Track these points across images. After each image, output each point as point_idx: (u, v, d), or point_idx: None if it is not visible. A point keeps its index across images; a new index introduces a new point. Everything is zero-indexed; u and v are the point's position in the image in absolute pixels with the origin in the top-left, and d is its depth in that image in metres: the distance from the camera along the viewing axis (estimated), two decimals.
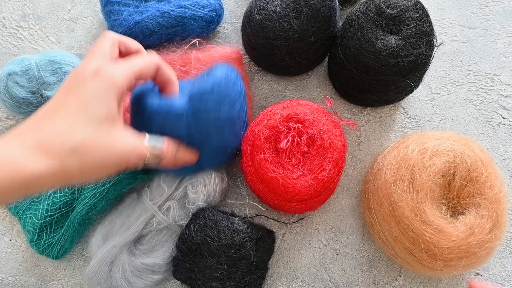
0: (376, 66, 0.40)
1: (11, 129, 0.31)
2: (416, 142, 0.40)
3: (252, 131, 0.40)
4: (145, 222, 0.42)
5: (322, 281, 0.44)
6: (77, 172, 0.28)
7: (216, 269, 0.38)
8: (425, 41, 0.39)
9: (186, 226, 0.41)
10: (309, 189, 0.37)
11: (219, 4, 0.51)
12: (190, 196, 0.42)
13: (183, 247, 0.40)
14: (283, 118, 0.39)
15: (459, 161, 0.37)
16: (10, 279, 0.46)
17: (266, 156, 0.38)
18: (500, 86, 0.51)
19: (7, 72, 0.45)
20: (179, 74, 0.49)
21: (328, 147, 0.38)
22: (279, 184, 0.38)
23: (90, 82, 0.29)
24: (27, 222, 0.43)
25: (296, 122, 0.40)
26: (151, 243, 0.42)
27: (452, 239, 0.35)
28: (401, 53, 0.39)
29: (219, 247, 0.39)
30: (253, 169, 0.39)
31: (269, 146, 0.39)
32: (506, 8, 0.54)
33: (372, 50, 0.39)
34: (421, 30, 0.39)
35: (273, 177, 0.38)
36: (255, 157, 0.39)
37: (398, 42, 0.39)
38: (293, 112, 0.40)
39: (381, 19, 0.40)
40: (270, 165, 0.38)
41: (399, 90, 0.43)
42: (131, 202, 0.44)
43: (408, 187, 0.37)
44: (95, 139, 0.28)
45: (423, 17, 0.39)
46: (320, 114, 0.40)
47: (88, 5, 0.56)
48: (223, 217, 0.40)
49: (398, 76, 0.40)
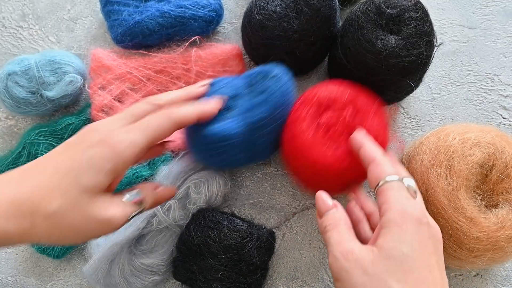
0: (376, 66, 0.40)
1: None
2: (458, 131, 0.40)
3: (313, 88, 0.40)
4: (146, 220, 0.41)
5: (322, 281, 0.44)
6: (45, 236, 0.26)
7: (217, 270, 0.38)
8: (425, 41, 0.39)
9: (186, 227, 0.41)
10: (324, 163, 0.37)
11: (219, 4, 0.51)
12: (192, 196, 0.42)
13: (183, 248, 0.40)
14: (346, 92, 0.39)
15: (499, 156, 0.37)
16: (10, 279, 0.46)
17: (308, 114, 0.39)
18: (500, 86, 0.51)
19: (7, 72, 0.45)
20: (181, 72, 0.49)
21: None
22: (302, 143, 0.38)
23: (92, 149, 0.27)
24: None
25: (354, 106, 0.39)
26: (151, 243, 0.42)
27: (483, 230, 0.35)
28: (401, 53, 0.39)
29: (219, 248, 0.38)
30: (289, 120, 0.40)
31: (317, 109, 0.39)
32: (506, 8, 0.54)
33: (372, 50, 0.39)
34: (421, 30, 0.39)
35: (302, 133, 0.38)
36: (298, 109, 0.39)
37: (398, 42, 0.39)
38: (358, 95, 0.39)
39: (381, 19, 0.40)
40: (305, 123, 0.38)
41: (399, 90, 0.43)
42: None
43: (445, 173, 0.37)
44: (72, 209, 0.26)
45: (423, 17, 0.39)
46: (378, 114, 0.39)
47: (88, 5, 0.56)
48: (223, 218, 0.40)
49: (399, 76, 0.40)
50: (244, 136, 0.38)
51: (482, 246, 0.36)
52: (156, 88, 0.49)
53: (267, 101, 0.38)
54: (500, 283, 0.44)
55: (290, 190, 0.47)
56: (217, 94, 0.39)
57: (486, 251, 0.36)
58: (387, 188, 0.28)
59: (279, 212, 0.46)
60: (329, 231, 0.29)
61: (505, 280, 0.44)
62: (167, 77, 0.49)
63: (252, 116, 0.38)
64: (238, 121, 0.38)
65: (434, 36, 0.40)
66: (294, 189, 0.47)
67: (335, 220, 0.29)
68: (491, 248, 0.36)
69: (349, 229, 0.29)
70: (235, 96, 0.39)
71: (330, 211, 0.30)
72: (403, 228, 0.25)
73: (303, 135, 0.38)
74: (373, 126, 0.38)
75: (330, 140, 0.38)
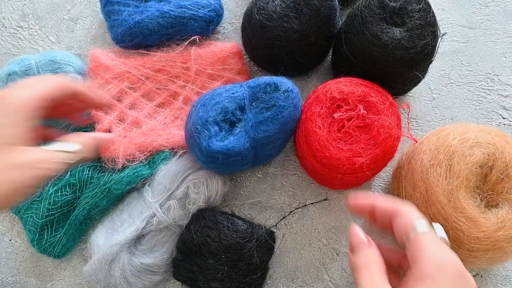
0: (383, 59, 0.40)
1: None
2: (457, 131, 0.40)
3: (325, 87, 0.41)
4: (146, 220, 0.41)
5: (322, 281, 0.44)
6: None
7: (217, 270, 0.38)
8: (429, 31, 0.39)
9: (186, 227, 0.41)
10: (339, 162, 0.38)
11: (219, 4, 0.51)
12: (192, 196, 0.42)
13: (183, 248, 0.40)
14: (356, 91, 0.40)
15: (499, 156, 0.37)
16: (10, 279, 0.46)
17: (321, 112, 0.39)
18: (500, 86, 0.51)
19: (7, 72, 0.45)
20: (180, 70, 0.49)
21: (379, 141, 0.38)
22: (315, 139, 0.38)
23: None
24: (28, 221, 0.43)
25: (366, 103, 0.40)
26: (150, 243, 0.42)
27: (482, 230, 0.35)
28: (408, 44, 0.39)
29: (219, 248, 0.39)
30: (304, 118, 0.40)
31: (330, 106, 0.40)
32: (506, 8, 0.54)
33: (378, 43, 0.39)
34: (425, 21, 0.39)
35: (314, 131, 0.39)
36: (311, 107, 0.40)
37: (404, 34, 0.39)
38: (368, 93, 0.40)
39: (385, 12, 0.40)
40: (320, 120, 0.39)
41: (406, 82, 0.44)
42: (131, 200, 0.44)
43: (445, 172, 0.37)
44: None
45: (425, 8, 0.39)
46: (391, 110, 0.40)
47: (88, 5, 0.56)
48: (223, 218, 0.40)
49: (406, 68, 0.40)
50: (251, 151, 0.38)
51: (482, 246, 0.36)
52: (155, 87, 0.49)
53: (277, 118, 0.38)
54: (500, 283, 0.44)
55: (290, 190, 0.47)
56: (220, 105, 0.38)
57: (486, 251, 0.36)
58: (419, 239, 0.27)
59: (279, 212, 0.46)
60: (361, 271, 0.27)
61: (505, 280, 0.44)
62: (166, 75, 0.49)
63: (260, 132, 0.37)
64: (245, 138, 0.38)
65: (437, 27, 0.40)
66: (294, 189, 0.47)
67: (368, 260, 0.28)
68: (491, 248, 0.36)
69: (382, 273, 0.27)
70: (241, 108, 0.39)
71: (364, 249, 0.28)
72: (439, 283, 0.24)
73: (319, 132, 0.38)
74: (386, 121, 0.38)
75: (345, 135, 0.39)
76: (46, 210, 0.42)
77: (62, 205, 0.43)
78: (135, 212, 0.42)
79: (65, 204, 0.43)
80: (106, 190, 0.43)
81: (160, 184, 0.42)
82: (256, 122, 0.38)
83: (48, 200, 0.43)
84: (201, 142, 0.38)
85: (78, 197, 0.44)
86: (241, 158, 0.39)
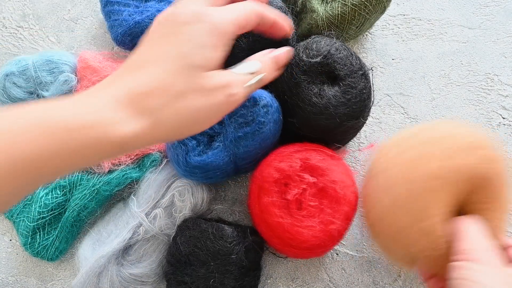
0: (328, 123, 0.37)
1: None
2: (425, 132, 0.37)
3: (262, 172, 0.38)
4: (132, 230, 0.41)
5: (322, 281, 0.44)
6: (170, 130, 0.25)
7: (208, 278, 0.38)
8: (359, 75, 0.37)
9: (172, 239, 0.40)
10: (316, 239, 0.36)
11: None
12: (177, 204, 0.41)
13: (172, 260, 0.40)
14: (295, 164, 0.37)
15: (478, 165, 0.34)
16: (10, 279, 0.46)
17: (273, 200, 0.37)
18: (500, 86, 0.51)
19: (4, 73, 0.45)
20: None
21: (340, 198, 0.36)
22: (284, 230, 0.36)
23: (188, 27, 0.25)
24: (20, 225, 0.43)
25: (309, 169, 0.37)
26: (138, 253, 0.42)
27: None
28: (344, 99, 0.37)
29: (207, 256, 0.38)
30: (259, 211, 0.38)
31: (278, 189, 0.37)
32: (506, 8, 0.54)
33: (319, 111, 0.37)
34: (351, 68, 0.37)
35: (279, 223, 0.36)
36: (262, 199, 0.37)
37: (336, 89, 0.37)
38: (305, 157, 0.37)
39: (309, 74, 0.37)
40: (277, 210, 0.36)
41: (352, 131, 0.42)
42: (117, 211, 0.44)
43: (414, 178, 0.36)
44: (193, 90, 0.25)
45: (347, 54, 0.37)
46: (334, 162, 0.38)
47: (88, 5, 0.56)
48: (208, 225, 0.39)
49: (353, 120, 0.38)
50: (230, 164, 0.38)
51: None
52: None
53: (257, 133, 0.36)
54: None
55: None
56: None
57: None
58: None
59: None
60: None
61: None
62: None
63: (240, 147, 0.37)
64: (224, 152, 0.37)
65: (364, 66, 0.38)
66: None
67: None
68: None
69: None
70: (220, 122, 0.36)
71: None
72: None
73: (284, 221, 0.36)
74: (338, 177, 0.37)
75: (308, 209, 0.37)
76: (37, 213, 0.42)
77: (53, 208, 0.43)
78: (121, 223, 0.42)
79: (56, 207, 0.43)
80: (94, 192, 0.43)
81: (146, 193, 0.42)
82: (235, 137, 0.36)
83: (39, 203, 0.42)
84: (178, 157, 0.37)
85: (68, 199, 0.44)
86: (220, 172, 0.38)
